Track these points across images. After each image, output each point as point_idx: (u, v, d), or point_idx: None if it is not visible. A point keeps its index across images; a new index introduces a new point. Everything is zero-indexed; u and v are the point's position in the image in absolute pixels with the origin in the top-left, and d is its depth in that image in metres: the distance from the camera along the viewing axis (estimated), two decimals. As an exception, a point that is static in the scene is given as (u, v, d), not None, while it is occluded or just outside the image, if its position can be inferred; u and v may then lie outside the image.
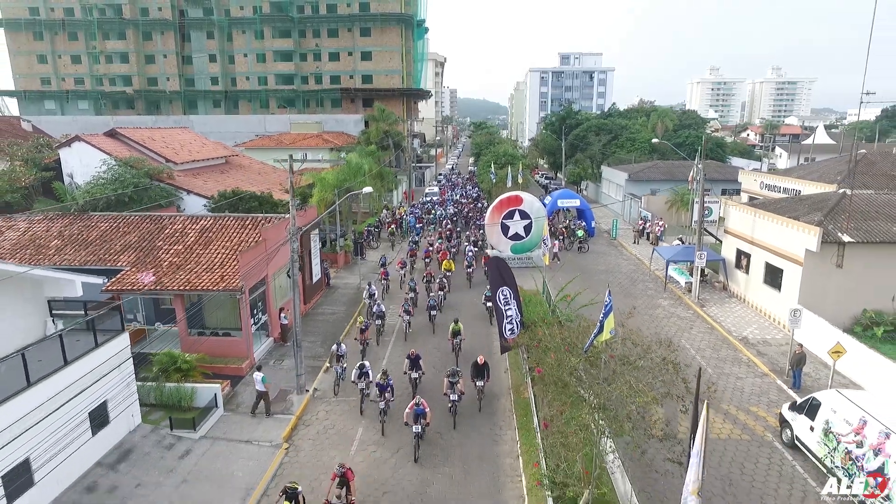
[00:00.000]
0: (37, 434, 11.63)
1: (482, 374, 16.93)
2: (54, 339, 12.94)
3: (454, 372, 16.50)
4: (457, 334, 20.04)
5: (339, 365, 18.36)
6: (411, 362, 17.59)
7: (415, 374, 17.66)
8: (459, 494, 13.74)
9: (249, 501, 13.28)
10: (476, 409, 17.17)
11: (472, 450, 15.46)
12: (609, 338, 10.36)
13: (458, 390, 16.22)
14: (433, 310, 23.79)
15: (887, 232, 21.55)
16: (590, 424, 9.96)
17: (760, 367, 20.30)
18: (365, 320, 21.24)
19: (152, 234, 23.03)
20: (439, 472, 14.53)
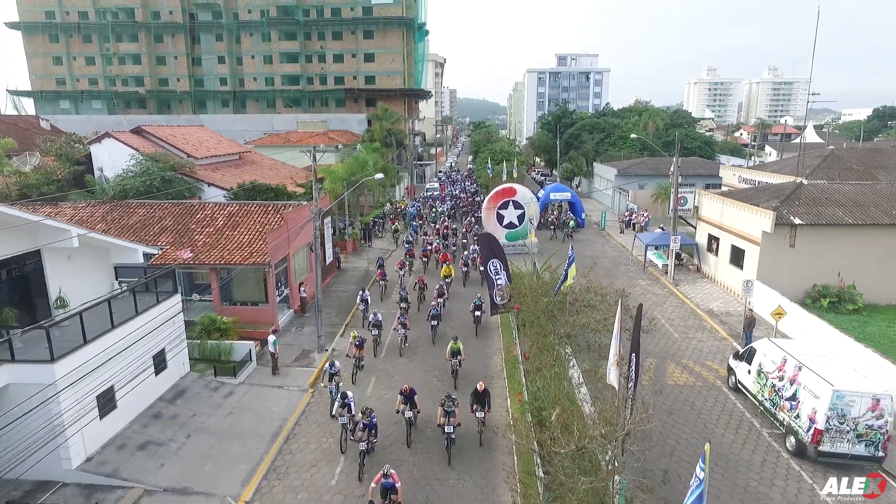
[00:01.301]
0: (117, 368, 14.57)
1: (482, 403, 15.06)
2: (127, 294, 15.88)
3: (450, 399, 14.72)
4: (456, 354, 18.18)
5: (333, 384, 16.82)
6: (405, 398, 15.15)
7: (409, 413, 15.06)
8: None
9: (286, 427, 16.26)
10: (476, 443, 15.20)
11: (469, 490, 13.51)
12: (572, 283, 13.34)
13: (455, 422, 14.43)
14: (434, 319, 22.22)
15: (833, 216, 24.54)
16: (559, 350, 12.92)
17: (720, 332, 23.28)
18: (359, 336, 19.15)
19: (185, 219, 25.94)
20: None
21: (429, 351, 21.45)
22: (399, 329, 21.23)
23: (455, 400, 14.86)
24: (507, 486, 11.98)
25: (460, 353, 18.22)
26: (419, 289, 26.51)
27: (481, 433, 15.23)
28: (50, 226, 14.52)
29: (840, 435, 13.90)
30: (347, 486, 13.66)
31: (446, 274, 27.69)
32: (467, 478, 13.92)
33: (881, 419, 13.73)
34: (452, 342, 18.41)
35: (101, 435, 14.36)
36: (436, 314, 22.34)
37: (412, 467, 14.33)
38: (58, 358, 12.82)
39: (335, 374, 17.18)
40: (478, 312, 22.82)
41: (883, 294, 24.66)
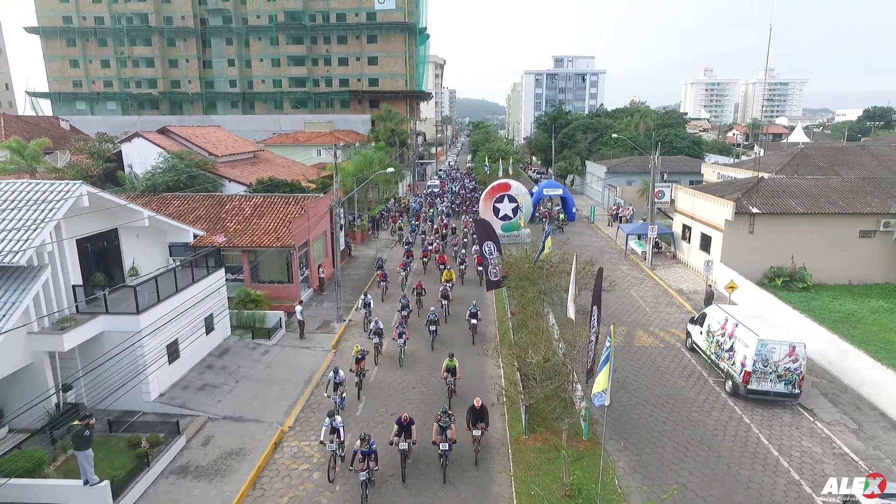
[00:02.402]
0: (179, 325, 17.93)
1: (479, 420, 14.56)
2: (186, 266, 19.26)
3: (446, 414, 14.17)
4: (452, 372, 17.43)
5: (337, 394, 16.77)
6: (401, 428, 13.96)
7: (403, 444, 13.79)
8: None
9: (314, 378, 19.65)
10: (471, 462, 14.73)
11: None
12: (548, 252, 16.74)
13: (450, 437, 13.96)
14: (433, 325, 22.13)
15: (786, 206, 27.95)
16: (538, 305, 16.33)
17: (686, 307, 26.68)
18: (362, 349, 18.42)
19: (216, 209, 29.29)
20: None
21: (428, 359, 21.13)
22: (398, 338, 20.56)
23: (451, 415, 14.31)
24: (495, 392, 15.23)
25: (456, 371, 17.49)
26: (417, 294, 26.46)
27: (477, 452, 14.76)
28: (127, 208, 17.85)
29: (764, 376, 17.31)
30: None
31: (448, 278, 27.37)
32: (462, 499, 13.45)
33: (796, 363, 17.14)
34: (448, 359, 17.54)
35: (170, 377, 17.75)
36: (434, 320, 22.17)
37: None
38: (142, 311, 16.21)
39: (339, 383, 16.78)
40: (474, 320, 22.41)
41: (830, 275, 28.09)
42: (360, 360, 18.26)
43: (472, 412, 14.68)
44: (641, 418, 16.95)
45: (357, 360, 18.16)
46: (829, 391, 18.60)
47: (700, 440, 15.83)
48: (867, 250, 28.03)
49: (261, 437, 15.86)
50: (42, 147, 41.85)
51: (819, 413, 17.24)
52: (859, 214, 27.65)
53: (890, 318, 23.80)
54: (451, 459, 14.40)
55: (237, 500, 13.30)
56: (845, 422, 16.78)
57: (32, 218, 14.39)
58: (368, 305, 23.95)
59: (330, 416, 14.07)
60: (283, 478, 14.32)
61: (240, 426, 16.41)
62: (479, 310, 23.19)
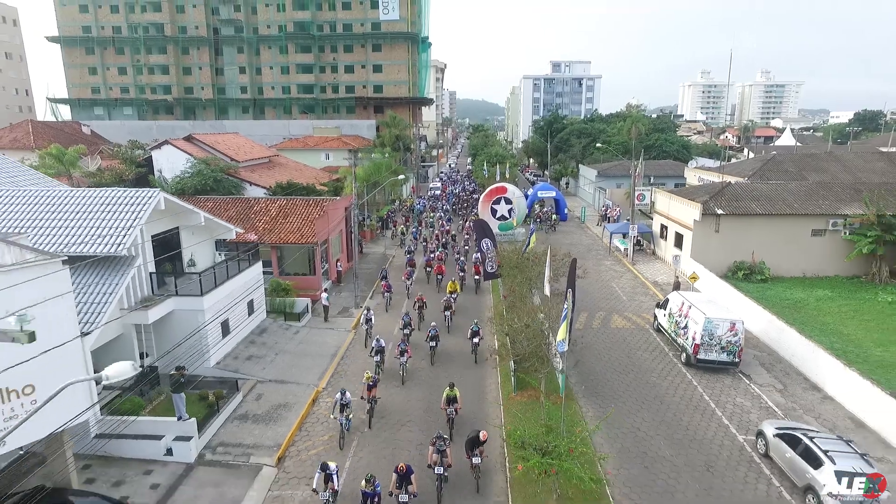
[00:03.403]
0: (229, 307, 21.77)
1: (478, 445, 14.47)
2: (234, 260, 23.11)
3: (441, 439, 14.26)
4: (452, 401, 17.00)
5: (344, 416, 16.62)
6: (400, 479, 13.28)
7: (404, 497, 13.28)
8: None
9: (339, 352, 23.52)
10: (472, 489, 14.67)
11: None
12: (533, 246, 20.58)
13: (446, 462, 14.05)
14: (434, 340, 22.27)
15: (747, 207, 31.80)
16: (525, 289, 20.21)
17: (659, 296, 30.48)
18: (373, 376, 18.05)
19: (246, 210, 33.09)
20: None
21: (429, 376, 21.28)
22: (400, 358, 20.69)
23: (446, 439, 14.51)
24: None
25: (457, 400, 17.03)
26: (419, 307, 26.56)
27: (478, 479, 14.68)
28: (188, 210, 21.66)
29: (710, 348, 21.17)
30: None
31: (452, 289, 28.01)
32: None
33: (736, 337, 21.00)
34: (448, 389, 17.08)
35: (223, 349, 21.61)
36: (435, 335, 22.32)
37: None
38: (204, 293, 20.07)
39: (346, 405, 16.67)
40: (476, 339, 22.41)
41: (786, 268, 31.93)
42: (372, 388, 17.81)
43: (473, 442, 14.48)
44: (609, 381, 20.81)
45: (368, 387, 17.75)
46: (766, 361, 22.49)
47: (654, 397, 19.70)
48: (818, 247, 31.88)
49: (301, 395, 19.74)
50: (79, 153, 45.81)
51: (754, 377, 21.11)
52: (811, 215, 31.52)
53: (830, 304, 27.67)
54: (449, 483, 14.47)
55: (288, 438, 17.17)
56: (774, 384, 20.67)
57: (125, 219, 18.22)
58: (370, 321, 23.99)
59: (323, 468, 13.27)
60: (322, 424, 18.17)
61: (283, 387, 20.29)
62: (481, 328, 23.20)
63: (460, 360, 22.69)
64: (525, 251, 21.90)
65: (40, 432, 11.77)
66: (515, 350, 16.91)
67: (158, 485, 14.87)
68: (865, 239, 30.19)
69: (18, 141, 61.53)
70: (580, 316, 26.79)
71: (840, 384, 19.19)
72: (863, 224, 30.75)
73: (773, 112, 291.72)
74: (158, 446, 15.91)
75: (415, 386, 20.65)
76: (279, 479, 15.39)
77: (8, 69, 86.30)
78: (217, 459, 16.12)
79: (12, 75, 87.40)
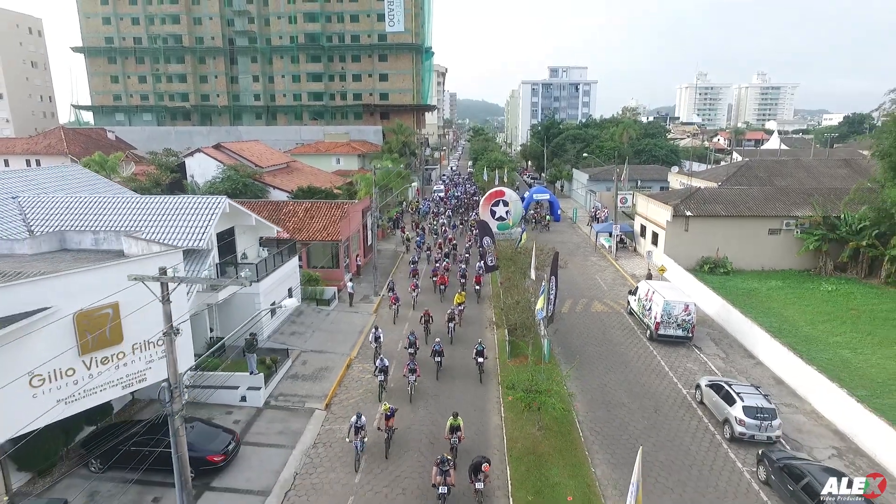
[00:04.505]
0: (275, 291, 26.61)
1: (480, 472, 14.92)
2: (279, 253, 27.94)
3: (445, 461, 14.99)
4: (455, 430, 17.20)
5: (359, 439, 16.91)
6: None
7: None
8: None
9: (364, 330, 28.36)
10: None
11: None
12: (524, 243, 25.43)
13: (449, 482, 14.86)
14: (438, 356, 22.94)
15: (713, 210, 36.64)
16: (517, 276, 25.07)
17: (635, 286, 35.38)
18: (391, 407, 18.07)
19: (276, 212, 37.85)
20: None
21: (434, 392, 21.94)
22: (409, 376, 21.13)
23: (450, 461, 15.24)
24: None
25: (460, 429, 17.22)
26: (425, 321, 27.00)
27: (480, 503, 15.29)
28: (243, 212, 26.47)
29: (668, 325, 26.02)
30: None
31: (459, 301, 29.01)
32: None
33: (689, 316, 25.86)
34: (452, 418, 17.33)
35: (272, 326, 26.49)
36: (439, 350, 22.98)
37: None
38: (259, 280, 24.92)
39: (361, 427, 16.97)
40: (480, 359, 22.78)
41: (746, 263, 36.77)
42: (390, 418, 17.80)
43: (475, 467, 15.00)
44: (586, 353, 25.64)
45: (386, 417, 17.80)
46: (717, 337, 27.36)
47: (621, 363, 24.56)
48: (774, 244, 36.73)
49: (338, 361, 24.61)
50: (118, 160, 50.68)
51: (704, 349, 25.98)
52: (768, 216, 36.36)
53: (779, 293, 32.53)
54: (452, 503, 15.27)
55: (332, 390, 22.02)
56: (719, 353, 25.55)
57: (202, 219, 23.06)
58: (378, 339, 24.25)
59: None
60: (356, 382, 23.02)
61: (323, 355, 25.15)
62: (485, 348, 23.37)
63: (465, 377, 23.21)
64: (518, 247, 26.86)
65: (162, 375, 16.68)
66: (509, 321, 21.85)
67: (239, 421, 19.74)
68: (813, 237, 35.04)
69: (53, 147, 66.41)
70: (566, 302, 31.68)
71: (767, 352, 24.07)
72: (811, 224, 35.60)
73: (768, 114, 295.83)
74: (235, 394, 20.78)
75: (422, 405, 20.91)
76: (328, 418, 20.26)
77: (34, 77, 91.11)
78: (280, 405, 20.99)
79: (37, 83, 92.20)
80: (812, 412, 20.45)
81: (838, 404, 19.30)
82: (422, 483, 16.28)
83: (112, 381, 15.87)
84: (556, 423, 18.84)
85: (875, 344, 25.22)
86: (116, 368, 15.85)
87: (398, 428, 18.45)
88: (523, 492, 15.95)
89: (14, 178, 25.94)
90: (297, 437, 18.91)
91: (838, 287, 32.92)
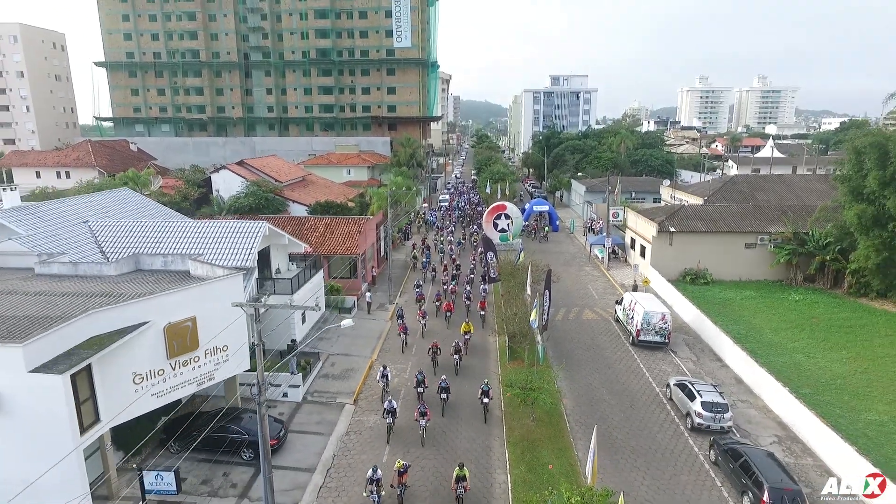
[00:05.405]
0: (304, 301, 30.54)
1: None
2: (306, 268, 31.89)
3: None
4: (460, 480, 17.56)
5: (376, 492, 17.34)
6: None
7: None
8: None
9: (382, 335, 32.30)
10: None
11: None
12: (522, 260, 29.35)
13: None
14: (444, 392, 23.32)
15: (694, 226, 40.46)
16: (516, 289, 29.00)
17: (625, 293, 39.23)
18: (405, 463, 18.11)
19: (299, 227, 41.82)
20: None
21: (443, 430, 22.39)
22: (420, 420, 21.21)
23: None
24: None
25: (465, 479, 17.62)
26: (433, 353, 27.58)
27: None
28: (278, 233, 30.41)
29: (647, 332, 29.88)
30: (419, 354, 29.23)
31: (466, 330, 29.60)
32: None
33: (666, 324, 29.72)
34: (458, 469, 17.61)
35: (301, 331, 30.46)
36: (446, 387, 23.44)
37: None
38: (294, 291, 28.90)
39: (377, 480, 17.32)
40: (486, 399, 22.86)
41: (725, 274, 40.54)
42: (403, 474, 17.84)
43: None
44: (575, 355, 29.52)
45: (399, 474, 17.80)
46: (691, 342, 31.22)
47: (605, 365, 28.43)
48: (750, 257, 40.52)
49: (361, 362, 28.58)
50: (149, 176, 54.81)
51: (678, 353, 29.84)
52: (744, 232, 40.16)
53: (751, 302, 36.34)
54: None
55: (358, 388, 25.97)
56: (691, 357, 29.41)
57: (246, 241, 27.02)
58: (386, 377, 24.66)
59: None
60: (378, 381, 26.93)
61: (348, 357, 29.13)
62: (491, 388, 23.59)
63: (471, 417, 23.43)
64: (517, 264, 30.92)
65: (227, 374, 20.72)
66: (509, 329, 25.81)
67: (283, 413, 23.71)
68: (784, 251, 38.82)
69: (81, 160, 70.76)
70: (560, 310, 35.55)
71: (732, 356, 27.92)
72: (783, 240, 39.38)
73: (769, 117, 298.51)
74: (277, 391, 24.75)
75: (432, 451, 21.09)
76: (357, 412, 24.20)
77: (57, 90, 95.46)
78: (315, 400, 24.96)
79: (60, 95, 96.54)
80: (763, 407, 24.30)
81: (783, 400, 23.14)
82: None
83: (189, 379, 19.84)
84: (547, 415, 22.75)
85: (827, 349, 29.05)
86: (193, 369, 19.82)
87: (411, 486, 18.59)
88: (519, 468, 19.88)
89: (81, 204, 29.93)
90: (332, 426, 22.88)
91: (805, 297, 36.70)
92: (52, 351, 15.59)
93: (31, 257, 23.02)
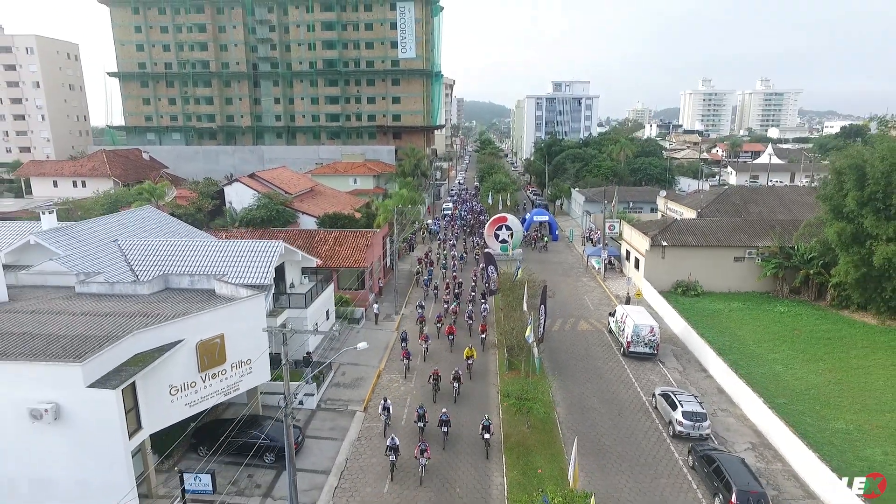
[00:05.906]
0: (317, 314, 32.72)
1: None
2: (318, 283, 34.06)
3: None
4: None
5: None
6: None
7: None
8: None
9: (389, 345, 34.45)
10: None
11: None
12: (521, 275, 31.51)
13: None
14: (445, 426, 23.40)
15: (685, 240, 42.47)
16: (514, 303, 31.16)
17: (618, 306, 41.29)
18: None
19: (309, 241, 44.01)
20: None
21: (443, 464, 22.46)
22: (420, 458, 21.14)
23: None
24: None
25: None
26: (434, 381, 27.77)
27: None
28: (293, 251, 32.59)
29: (637, 343, 31.94)
30: (424, 364, 31.47)
31: (468, 355, 29.97)
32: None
33: (655, 336, 31.78)
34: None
35: (314, 342, 32.65)
36: (446, 420, 23.50)
37: None
38: (307, 305, 31.08)
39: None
40: (487, 435, 22.86)
41: (715, 286, 42.53)
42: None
43: None
44: (570, 366, 31.61)
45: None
46: (679, 354, 33.26)
47: (597, 375, 30.51)
48: (739, 270, 42.50)
49: (370, 371, 30.75)
50: (164, 188, 57.12)
51: (666, 364, 31.88)
52: (733, 246, 42.15)
53: (738, 313, 38.33)
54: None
55: (367, 396, 28.13)
56: (678, 368, 31.46)
57: (264, 259, 29.22)
58: (388, 410, 24.74)
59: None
60: (386, 389, 29.09)
61: (357, 367, 31.30)
62: (492, 423, 23.53)
63: (471, 452, 23.42)
64: (515, 279, 33.17)
65: (249, 385, 22.93)
66: (507, 342, 27.98)
67: (299, 420, 25.83)
68: (770, 265, 40.79)
69: (97, 170, 73.15)
70: (556, 321, 37.62)
71: (715, 367, 29.96)
72: (770, 253, 41.35)
73: (772, 120, 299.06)
74: (294, 399, 26.88)
75: (430, 484, 21.28)
76: (366, 418, 26.36)
77: (71, 99, 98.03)
78: (328, 408, 27.15)
79: (74, 104, 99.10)
80: (741, 415, 26.35)
81: (758, 409, 25.18)
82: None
83: (217, 390, 22.03)
84: (541, 423, 24.86)
85: (805, 360, 31.06)
86: (221, 381, 22.02)
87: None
88: (514, 472, 22.00)
89: (111, 223, 32.19)
90: (344, 432, 25.05)
91: (790, 309, 38.68)
92: (103, 368, 17.80)
93: (69, 276, 25.28)
